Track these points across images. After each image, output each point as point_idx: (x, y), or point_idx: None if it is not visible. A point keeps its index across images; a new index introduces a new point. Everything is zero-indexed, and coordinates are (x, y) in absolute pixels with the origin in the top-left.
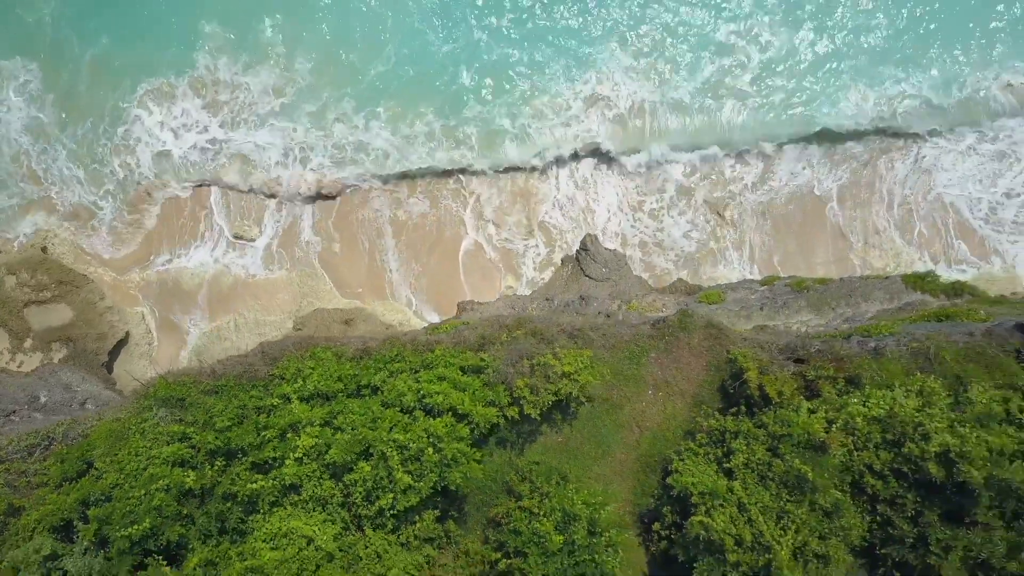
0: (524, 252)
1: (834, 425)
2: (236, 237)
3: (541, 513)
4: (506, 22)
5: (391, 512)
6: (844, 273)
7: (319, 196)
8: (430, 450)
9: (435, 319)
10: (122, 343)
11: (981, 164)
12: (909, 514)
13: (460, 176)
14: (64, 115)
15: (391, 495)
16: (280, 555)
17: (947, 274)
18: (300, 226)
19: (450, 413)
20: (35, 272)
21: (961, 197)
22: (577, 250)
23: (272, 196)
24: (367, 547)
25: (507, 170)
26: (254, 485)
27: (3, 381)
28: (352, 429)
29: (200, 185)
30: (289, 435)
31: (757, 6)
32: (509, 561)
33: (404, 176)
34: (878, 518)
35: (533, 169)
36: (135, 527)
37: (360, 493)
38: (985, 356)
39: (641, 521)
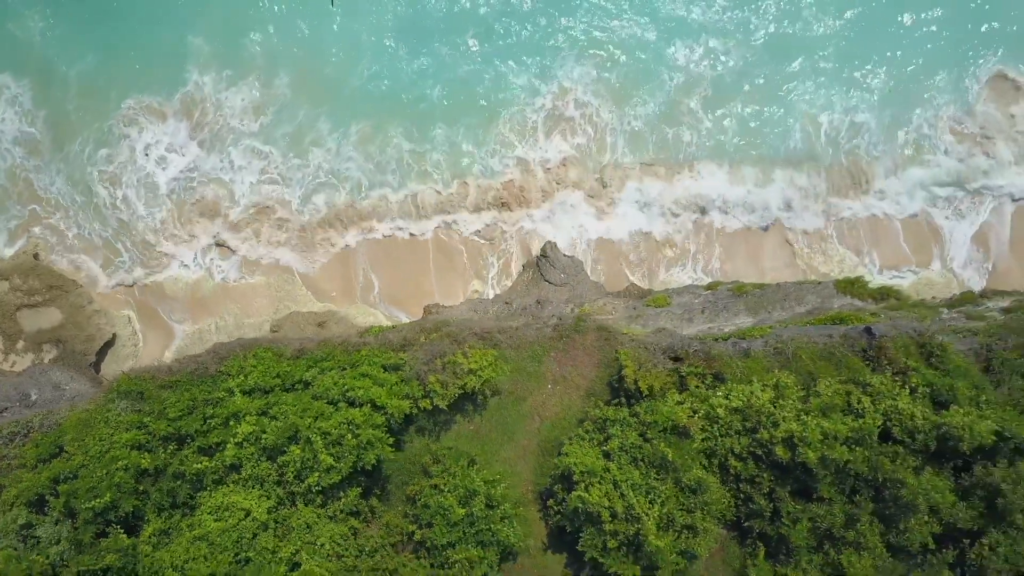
0: (489, 258)
1: (697, 414)
2: (218, 245)
3: (446, 489)
4: (472, 39)
5: (318, 489)
6: (794, 278)
7: None
8: (349, 436)
9: (405, 320)
10: (109, 344)
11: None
12: (765, 491)
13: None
14: (54, 134)
15: (317, 474)
16: (222, 525)
17: (892, 279)
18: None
19: (369, 405)
20: (27, 277)
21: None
22: (538, 256)
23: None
24: (299, 519)
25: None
26: (200, 465)
27: None
28: (284, 418)
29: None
30: (231, 423)
31: (711, 28)
32: (422, 531)
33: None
34: (741, 495)
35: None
36: (98, 500)
37: (292, 472)
38: (836, 356)
39: (541, 498)
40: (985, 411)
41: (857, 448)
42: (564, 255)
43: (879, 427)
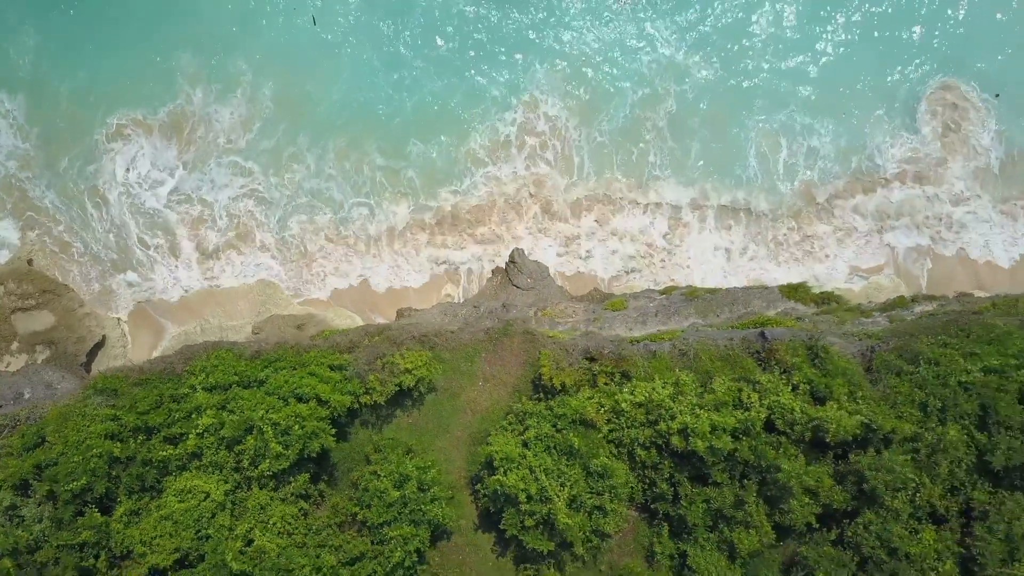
0: (460, 265)
1: (603, 408)
2: (202, 253)
3: (383, 475)
4: (445, 52)
5: (270, 474)
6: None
7: None
8: (296, 427)
9: (380, 321)
10: (99, 346)
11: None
12: (666, 476)
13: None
14: (46, 148)
15: (268, 460)
16: (185, 506)
17: (846, 284)
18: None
19: (315, 400)
20: (21, 282)
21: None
22: (506, 262)
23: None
24: (253, 500)
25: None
26: (165, 453)
27: None
28: (240, 412)
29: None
30: (193, 416)
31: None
32: (363, 512)
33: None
34: (646, 480)
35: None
36: (75, 483)
37: (247, 459)
38: (733, 357)
39: (471, 484)
40: (859, 406)
41: (744, 438)
42: (531, 261)
43: (764, 419)
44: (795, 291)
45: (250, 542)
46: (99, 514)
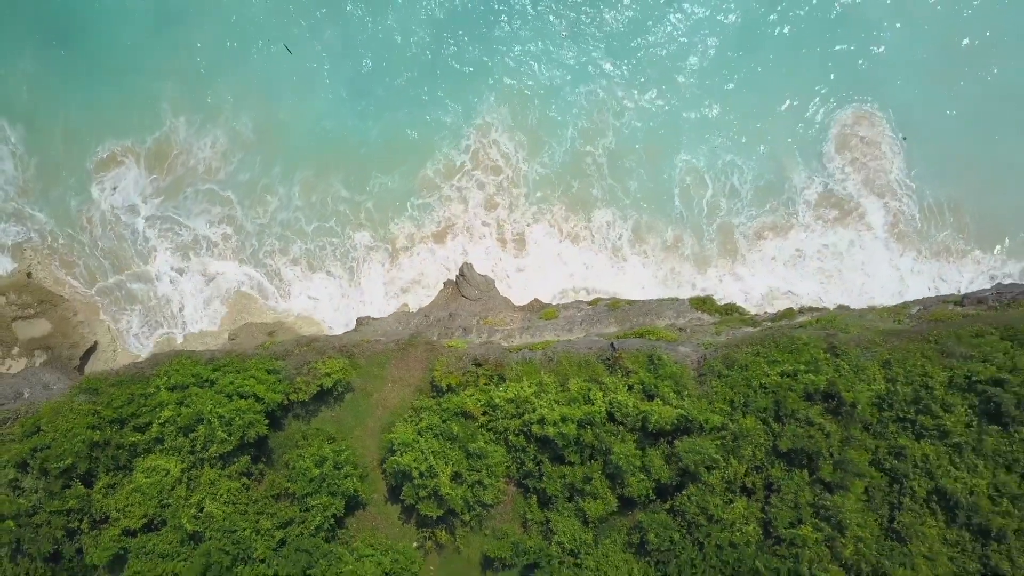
0: (415, 279)
1: (480, 403)
2: (181, 272)
3: (306, 456)
4: (405, 84)
5: (217, 456)
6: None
7: None
8: (237, 419)
9: (340, 331)
10: (91, 350)
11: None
12: (532, 457)
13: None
14: (43, 174)
15: (215, 445)
16: (151, 480)
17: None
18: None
19: (253, 397)
20: (21, 293)
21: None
22: (456, 275)
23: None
24: (205, 477)
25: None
26: (134, 439)
27: None
28: (194, 406)
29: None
30: (157, 410)
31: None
32: (292, 486)
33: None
34: (518, 460)
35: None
36: (63, 463)
37: (200, 444)
38: (589, 363)
39: (381, 465)
40: (682, 402)
41: (589, 427)
42: (479, 275)
43: (605, 412)
44: (703, 303)
45: (202, 509)
46: (82, 487)
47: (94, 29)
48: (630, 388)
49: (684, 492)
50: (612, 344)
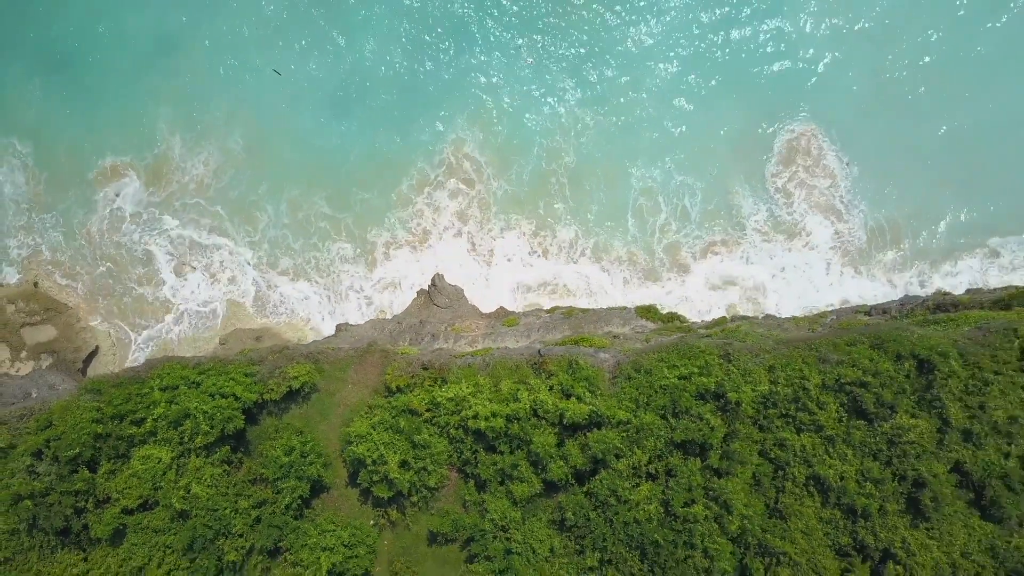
0: (390, 286)
1: (424, 401)
2: (178, 276)
3: (277, 446)
4: (384, 104)
5: (202, 446)
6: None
7: None
8: (218, 414)
9: (322, 336)
10: (93, 354)
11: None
12: (469, 447)
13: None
14: (51, 189)
15: (200, 437)
16: (145, 467)
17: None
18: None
19: (232, 396)
20: (28, 301)
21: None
22: (429, 285)
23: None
24: (191, 464)
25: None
26: (132, 432)
27: (5, 382)
28: (182, 404)
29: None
30: (151, 407)
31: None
32: (265, 471)
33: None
34: (459, 450)
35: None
36: (72, 451)
37: (187, 436)
38: (519, 366)
39: (341, 454)
40: (595, 400)
41: (516, 421)
42: (450, 284)
43: (530, 409)
44: (647, 312)
45: (189, 491)
46: (88, 472)
47: (94, 55)
48: (551, 388)
49: (597, 477)
50: (539, 350)
